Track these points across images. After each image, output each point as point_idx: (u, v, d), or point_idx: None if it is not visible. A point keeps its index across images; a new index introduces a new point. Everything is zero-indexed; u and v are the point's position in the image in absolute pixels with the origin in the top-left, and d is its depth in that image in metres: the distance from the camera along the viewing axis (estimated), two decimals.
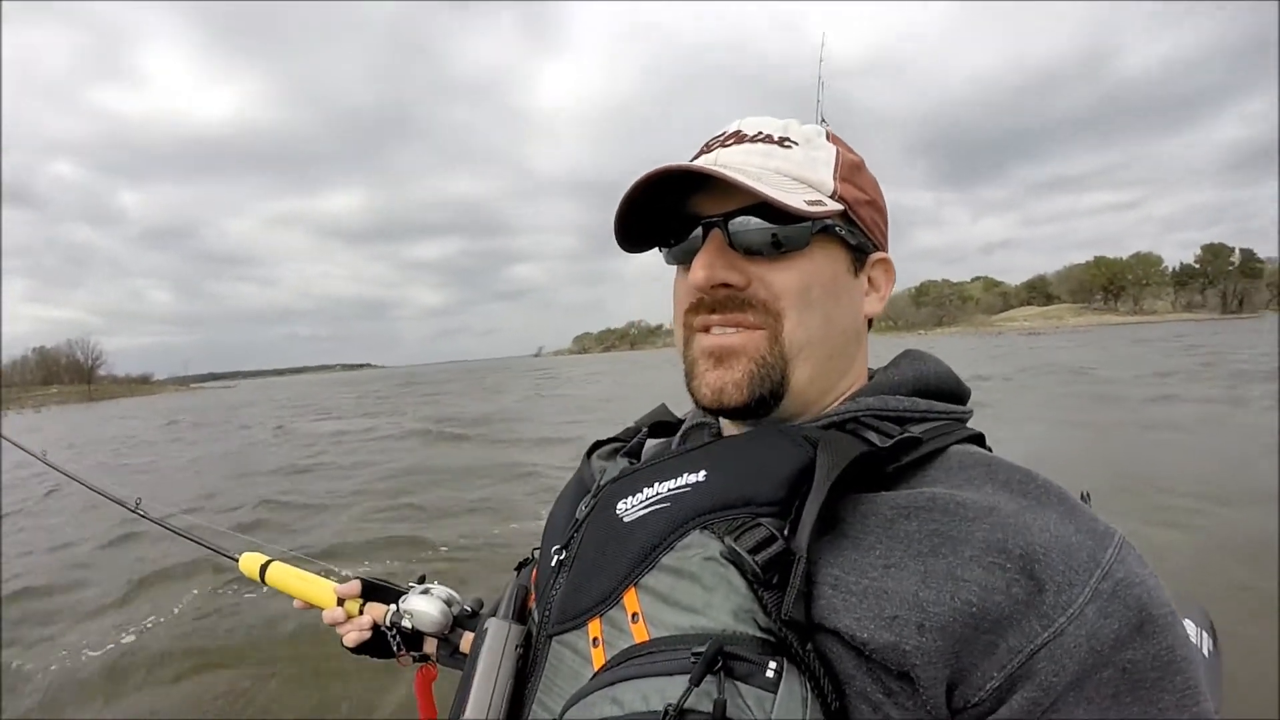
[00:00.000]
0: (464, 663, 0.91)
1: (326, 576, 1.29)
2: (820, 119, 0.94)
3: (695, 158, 0.81)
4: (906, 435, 0.69)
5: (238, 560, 1.42)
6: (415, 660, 1.18)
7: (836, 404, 0.79)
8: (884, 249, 0.84)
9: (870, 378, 0.84)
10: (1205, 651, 1.03)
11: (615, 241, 0.82)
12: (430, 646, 1.18)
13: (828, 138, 0.81)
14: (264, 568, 1.36)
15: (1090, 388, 18.49)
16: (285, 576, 1.32)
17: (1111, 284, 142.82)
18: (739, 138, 0.79)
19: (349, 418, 27.10)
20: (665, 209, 0.80)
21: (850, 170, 0.80)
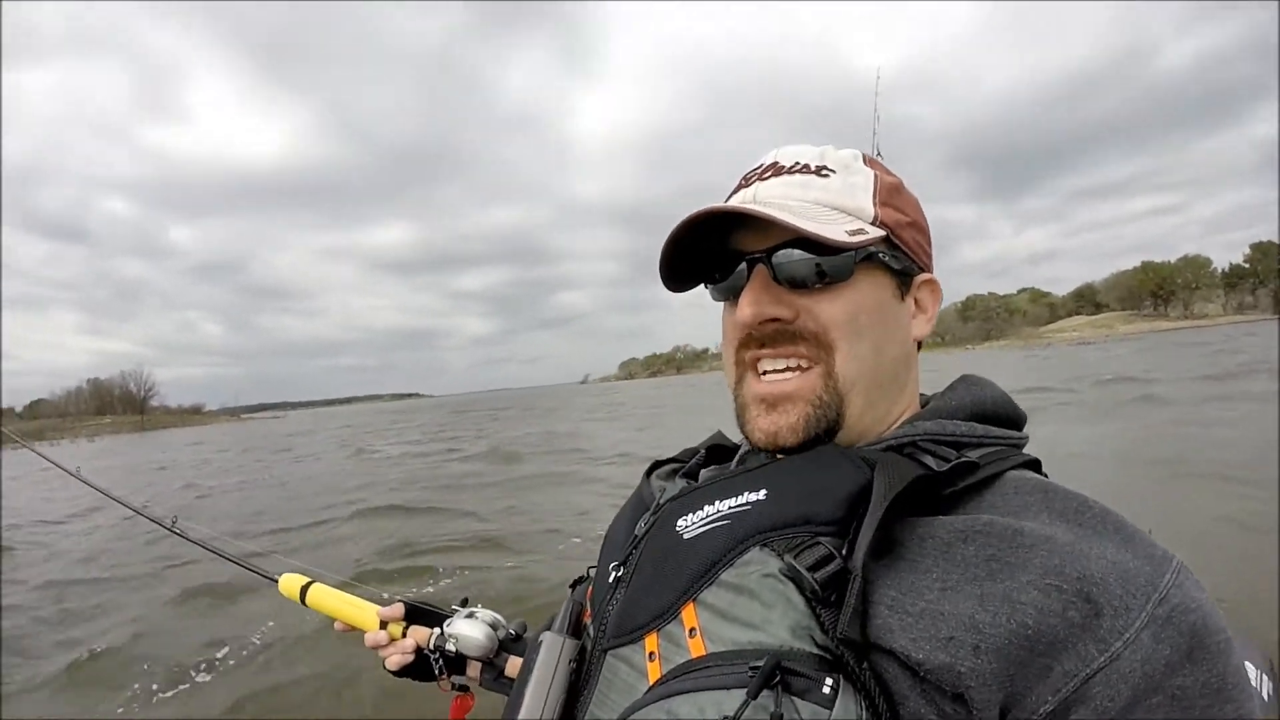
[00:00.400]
0: (509, 687, 0.90)
1: (365, 597, 1.29)
2: (876, 151, 0.94)
3: (734, 191, 0.83)
4: (963, 460, 0.69)
5: (277, 581, 1.41)
6: (455, 687, 1.17)
7: (893, 428, 0.79)
8: (929, 269, 0.84)
9: (924, 401, 0.85)
10: (1265, 695, 0.99)
11: (661, 281, 0.83)
12: (474, 671, 1.17)
13: (864, 161, 0.82)
14: (304, 589, 1.35)
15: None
16: (326, 598, 1.31)
17: (1160, 289, 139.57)
18: (776, 170, 0.80)
19: (428, 442, 27.31)
20: (709, 247, 0.81)
21: (889, 193, 0.80)
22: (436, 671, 1.14)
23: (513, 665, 1.12)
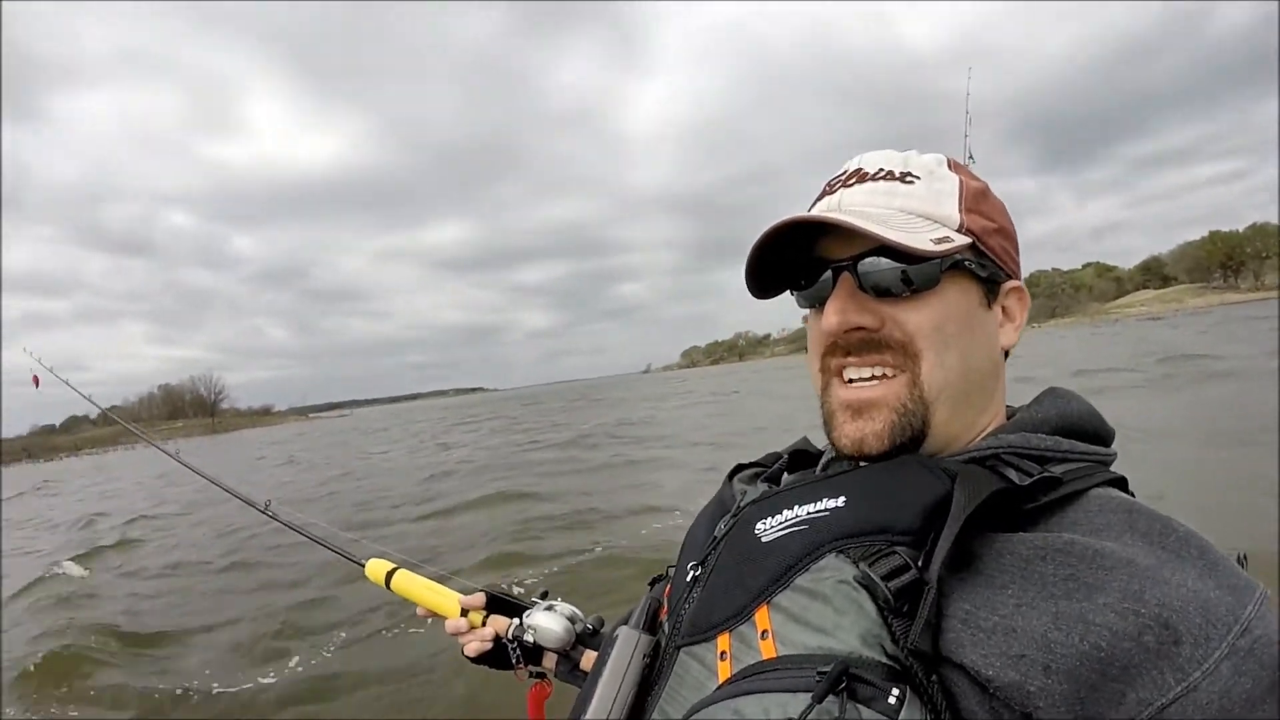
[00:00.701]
0: (583, 680, 0.94)
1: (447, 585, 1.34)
2: (968, 155, 0.96)
3: (818, 199, 0.83)
4: (1046, 475, 0.68)
5: (364, 566, 1.48)
6: (531, 676, 1.19)
7: (977, 440, 0.78)
8: (1016, 276, 0.83)
9: (1010, 413, 0.83)
10: None
11: (747, 288, 0.85)
12: (549, 662, 1.19)
13: (949, 166, 0.81)
14: (390, 574, 1.41)
15: None
16: (410, 584, 1.37)
17: (1230, 259, 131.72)
18: (860, 176, 0.80)
19: (506, 433, 27.95)
20: (794, 254, 0.81)
21: (975, 199, 0.79)
22: (514, 660, 1.17)
23: (588, 659, 1.13)
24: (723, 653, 0.70)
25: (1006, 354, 0.84)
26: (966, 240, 0.76)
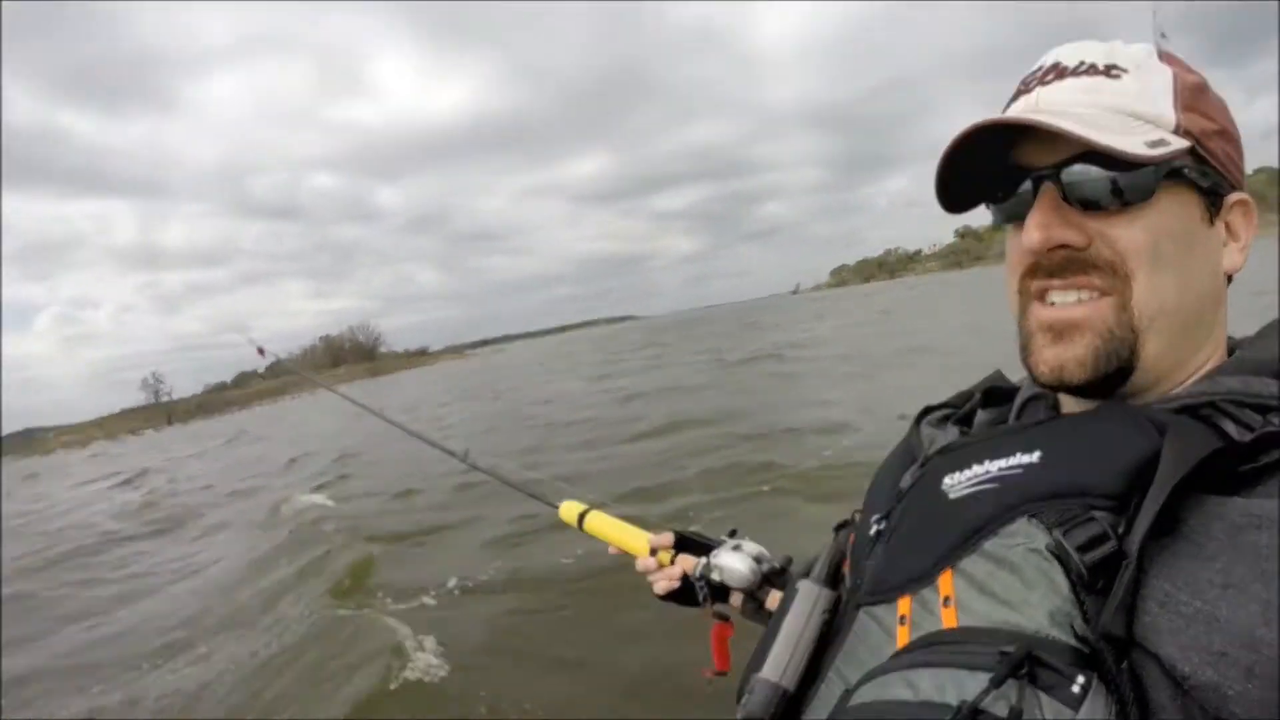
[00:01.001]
0: (766, 619, 0.93)
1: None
2: (1158, 35, 0.80)
3: (1013, 99, 0.75)
4: (1270, 429, 0.58)
5: (558, 508, 1.53)
6: (716, 616, 1.20)
7: (1191, 381, 0.70)
8: (1241, 186, 0.72)
9: (1230, 348, 0.74)
10: None
11: (938, 202, 0.77)
12: (735, 600, 1.18)
13: (1160, 58, 0.71)
14: (582, 516, 1.46)
15: None
16: (602, 525, 1.42)
17: None
18: (1059, 71, 0.72)
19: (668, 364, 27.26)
20: (988, 163, 0.73)
21: (1193, 95, 0.69)
22: (700, 599, 1.18)
23: (773, 599, 1.11)
24: (902, 617, 0.67)
25: (1229, 279, 0.73)
26: (1185, 144, 0.65)
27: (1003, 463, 0.67)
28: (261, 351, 2.80)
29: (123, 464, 28.76)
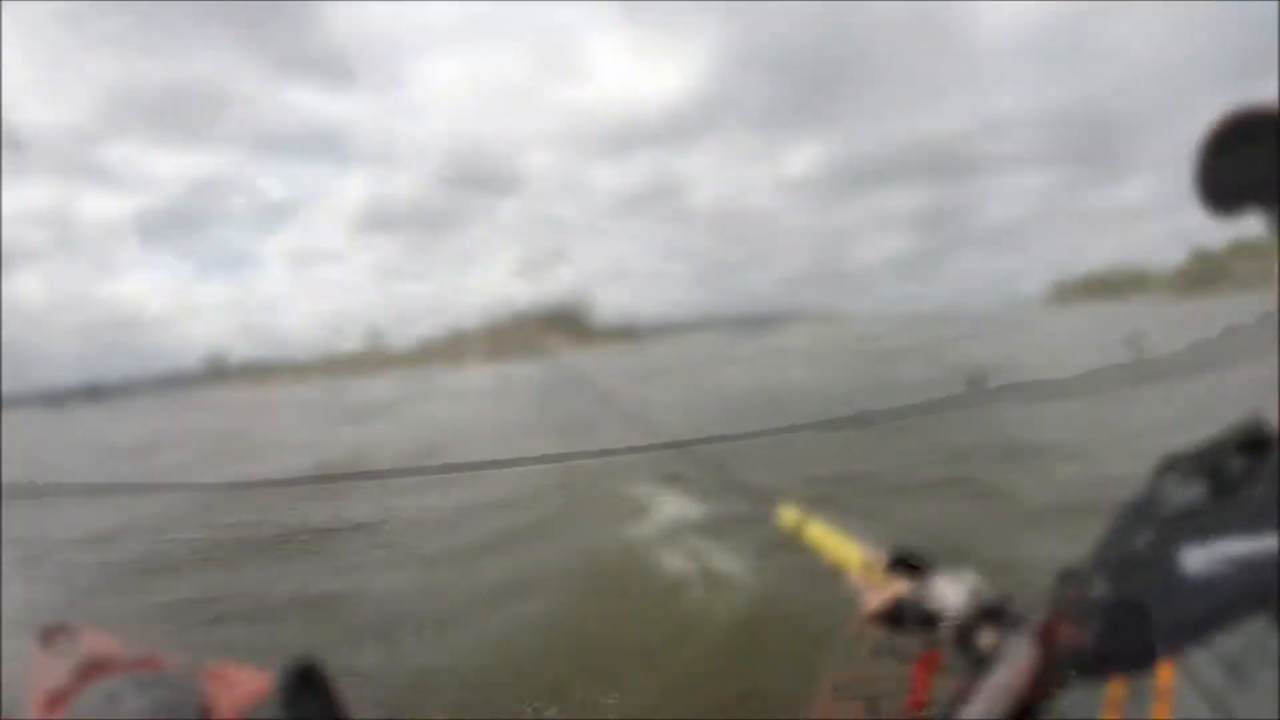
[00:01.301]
0: (974, 658, 0.91)
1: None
2: None
3: None
4: None
5: (776, 511, 1.51)
6: (925, 644, 1.14)
7: None
8: None
9: None
10: None
11: (1201, 202, 0.69)
12: (945, 630, 1.12)
13: None
14: (798, 523, 1.43)
15: None
16: (819, 535, 1.38)
17: None
18: None
19: None
20: (1262, 160, 0.64)
21: None
22: (909, 624, 1.14)
23: (985, 637, 1.03)
24: (1111, 701, 0.62)
25: None
26: None
27: (1250, 544, 0.59)
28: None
29: None
